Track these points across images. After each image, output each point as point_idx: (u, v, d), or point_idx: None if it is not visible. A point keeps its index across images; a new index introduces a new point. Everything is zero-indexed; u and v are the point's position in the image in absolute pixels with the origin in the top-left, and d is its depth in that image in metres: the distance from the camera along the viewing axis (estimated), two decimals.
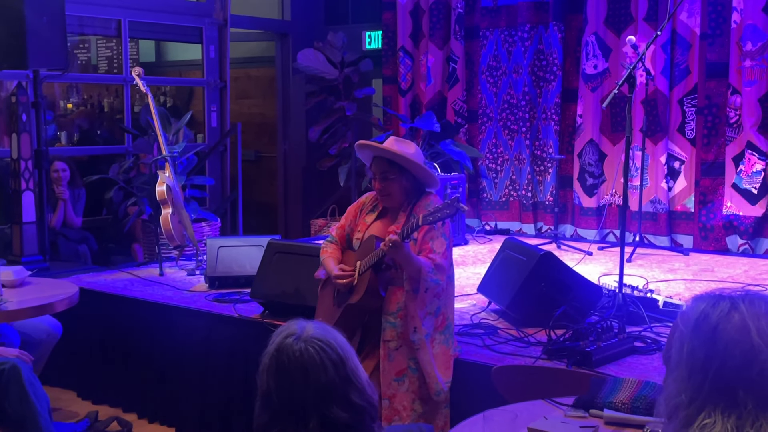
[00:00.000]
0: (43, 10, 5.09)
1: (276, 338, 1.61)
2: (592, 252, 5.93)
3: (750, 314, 1.29)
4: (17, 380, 3.42)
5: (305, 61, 7.86)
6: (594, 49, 6.68)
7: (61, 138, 9.08)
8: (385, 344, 3.19)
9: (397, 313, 3.18)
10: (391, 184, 3.24)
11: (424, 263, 3.11)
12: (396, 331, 3.18)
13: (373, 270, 3.16)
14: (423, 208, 3.18)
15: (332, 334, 1.62)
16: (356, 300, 3.19)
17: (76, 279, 5.09)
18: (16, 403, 3.40)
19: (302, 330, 1.61)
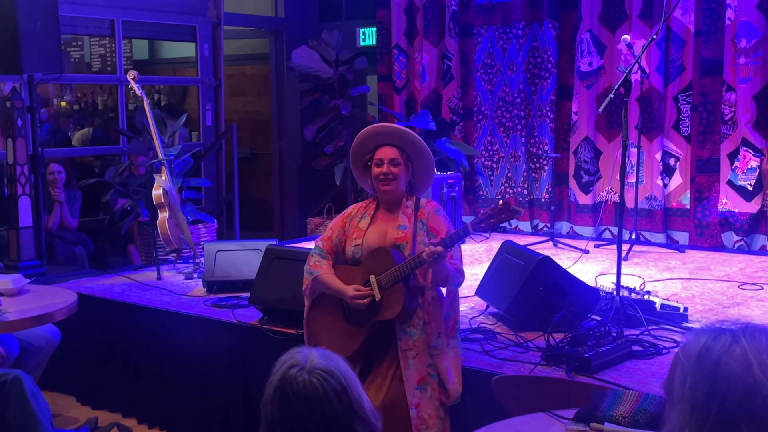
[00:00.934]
0: (37, 15, 5.07)
1: (280, 368, 1.62)
2: (588, 250, 5.95)
3: (751, 348, 1.30)
4: (19, 392, 3.41)
5: (300, 60, 7.85)
6: (589, 46, 6.68)
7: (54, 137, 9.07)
8: (404, 354, 3.15)
9: (411, 322, 3.15)
10: (401, 172, 3.17)
11: (450, 269, 3.10)
12: (412, 339, 3.15)
13: (403, 282, 3.09)
14: (432, 216, 3.18)
15: (335, 364, 1.63)
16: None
17: (74, 284, 5.09)
18: (18, 415, 3.39)
19: (306, 360, 1.61)
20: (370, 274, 3.14)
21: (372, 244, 3.20)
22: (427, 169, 3.26)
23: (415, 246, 3.14)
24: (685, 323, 3.99)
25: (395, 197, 3.23)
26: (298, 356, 1.62)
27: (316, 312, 3.33)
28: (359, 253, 3.22)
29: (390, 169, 3.15)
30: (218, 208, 7.61)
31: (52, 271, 5.57)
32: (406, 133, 3.21)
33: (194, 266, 5.39)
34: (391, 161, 3.16)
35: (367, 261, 3.19)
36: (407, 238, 3.16)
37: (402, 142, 3.20)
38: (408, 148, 3.20)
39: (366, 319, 3.17)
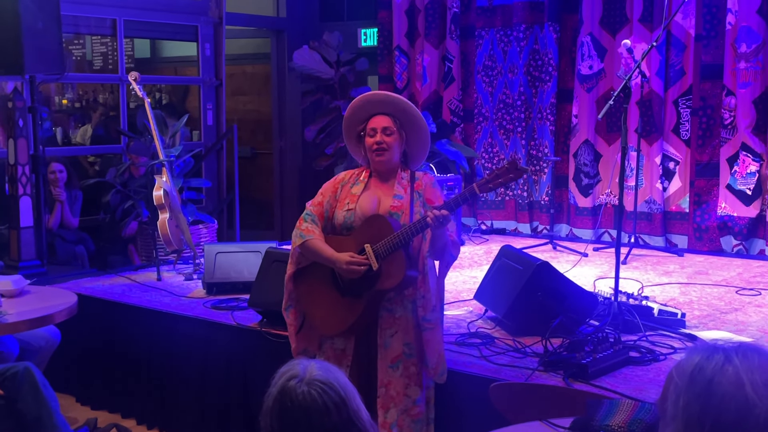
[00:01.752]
0: (39, 16, 5.08)
1: (279, 380, 1.63)
2: (587, 253, 5.97)
3: (744, 368, 1.32)
4: (31, 381, 3.46)
5: (301, 61, 7.86)
6: (589, 49, 6.70)
7: (56, 135, 9.08)
8: (382, 331, 3.05)
9: (394, 299, 3.04)
10: (393, 140, 3.04)
11: (449, 241, 2.98)
12: (394, 316, 3.05)
13: (404, 250, 2.94)
14: (429, 189, 3.07)
15: (334, 375, 1.64)
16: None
17: (74, 284, 5.11)
18: (31, 404, 3.44)
19: (305, 371, 1.63)
20: (364, 243, 2.99)
21: (365, 211, 3.05)
22: (420, 139, 3.12)
23: (412, 216, 3.01)
24: (682, 329, 4.01)
25: (389, 167, 3.09)
26: (297, 368, 1.64)
27: (305, 288, 3.17)
28: (351, 219, 3.06)
29: (383, 138, 3.03)
30: (219, 207, 7.62)
31: (52, 270, 5.59)
32: (399, 100, 3.08)
33: (194, 267, 5.41)
34: (384, 130, 3.03)
35: (361, 229, 3.04)
36: (403, 208, 3.04)
37: (395, 110, 3.06)
38: (401, 116, 3.06)
39: (363, 289, 3.02)
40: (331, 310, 3.10)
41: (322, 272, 3.11)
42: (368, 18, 8.44)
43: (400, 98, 3.09)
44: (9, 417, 3.44)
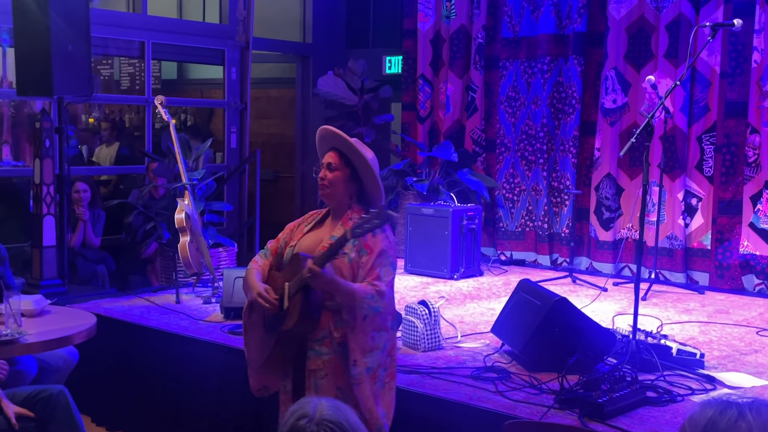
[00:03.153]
0: (70, 38, 5.16)
1: (289, 419, 1.63)
2: (607, 288, 5.94)
3: (757, 423, 1.31)
4: (65, 406, 3.46)
5: (325, 87, 7.92)
6: (613, 83, 6.70)
7: (82, 152, 9.19)
8: (310, 374, 2.97)
9: (323, 341, 2.95)
10: (335, 178, 2.99)
11: (358, 288, 2.88)
12: (322, 359, 2.95)
13: (303, 293, 2.90)
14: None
15: (344, 415, 1.64)
16: (291, 326, 2.92)
17: (94, 305, 5.15)
18: (64, 429, 3.44)
19: (315, 411, 1.63)
20: (286, 280, 2.97)
21: (304, 250, 3.01)
22: (368, 178, 3.02)
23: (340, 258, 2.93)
24: (700, 370, 3.97)
25: (337, 205, 3.06)
26: (307, 407, 1.64)
27: (250, 320, 3.14)
28: (289, 256, 3.06)
29: (325, 173, 3.01)
30: (239, 231, 7.66)
31: (73, 288, 5.63)
32: (342, 137, 3.01)
33: (213, 290, 5.44)
34: (327, 165, 3.01)
35: (287, 267, 3.03)
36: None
37: (341, 146, 3.02)
38: (347, 152, 3.00)
39: (273, 326, 3.02)
40: (257, 344, 3.12)
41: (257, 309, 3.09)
42: (393, 46, 8.51)
43: (345, 137, 3.01)
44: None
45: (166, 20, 7.98)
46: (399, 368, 3.89)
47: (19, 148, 9.31)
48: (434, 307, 4.36)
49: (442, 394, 3.60)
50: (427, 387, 3.69)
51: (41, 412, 3.44)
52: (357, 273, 2.94)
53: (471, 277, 6.43)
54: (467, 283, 6.23)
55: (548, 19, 7.04)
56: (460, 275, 6.34)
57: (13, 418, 3.35)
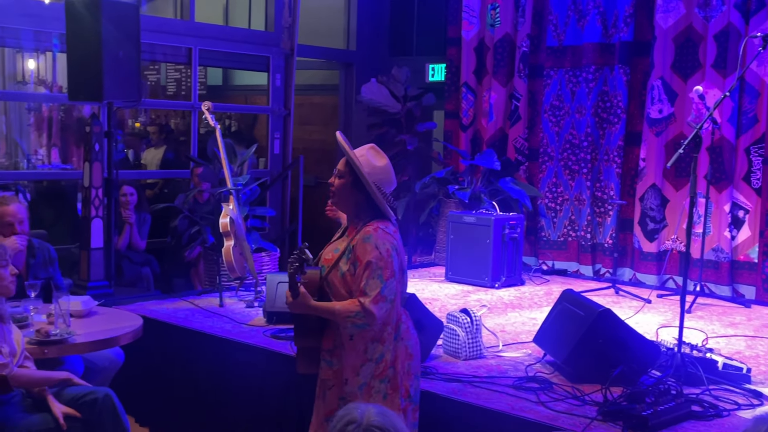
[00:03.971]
0: (120, 45, 5.26)
1: (337, 424, 1.65)
2: (651, 300, 5.87)
3: None
4: (111, 408, 3.52)
5: (368, 94, 7.95)
6: (660, 93, 6.63)
7: (128, 156, 9.34)
8: (322, 382, 3.03)
9: (333, 351, 2.98)
10: (341, 186, 2.99)
11: (339, 309, 2.87)
12: (332, 369, 2.98)
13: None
14: (359, 244, 2.91)
15: (391, 421, 1.65)
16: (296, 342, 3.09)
17: (139, 306, 5.23)
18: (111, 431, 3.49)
19: (362, 417, 1.64)
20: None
21: (322, 259, 3.07)
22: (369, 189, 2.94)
23: (333, 272, 2.95)
24: (747, 385, 3.91)
25: (345, 212, 3.07)
26: (355, 413, 1.66)
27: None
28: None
29: (333, 180, 3.01)
30: (281, 236, 7.73)
31: (119, 291, 5.73)
32: (343, 146, 2.99)
33: (256, 294, 5.49)
34: (337, 173, 3.01)
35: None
36: (331, 262, 2.98)
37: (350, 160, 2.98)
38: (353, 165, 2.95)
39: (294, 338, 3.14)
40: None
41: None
42: (437, 54, 8.52)
43: (343, 143, 2.99)
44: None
45: (213, 27, 8.08)
46: (440, 376, 3.91)
47: (67, 152, 9.51)
48: (476, 316, 4.35)
49: (484, 403, 3.60)
50: (468, 395, 3.69)
51: (87, 414, 3.50)
52: (352, 286, 2.91)
53: (512, 286, 6.41)
54: (508, 292, 6.21)
55: (594, 27, 6.99)
56: (501, 284, 6.32)
57: (61, 417, 3.42)
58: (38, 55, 9.29)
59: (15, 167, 8.80)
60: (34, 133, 9.66)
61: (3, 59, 8.96)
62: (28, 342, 3.61)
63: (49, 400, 3.46)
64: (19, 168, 8.87)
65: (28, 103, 9.45)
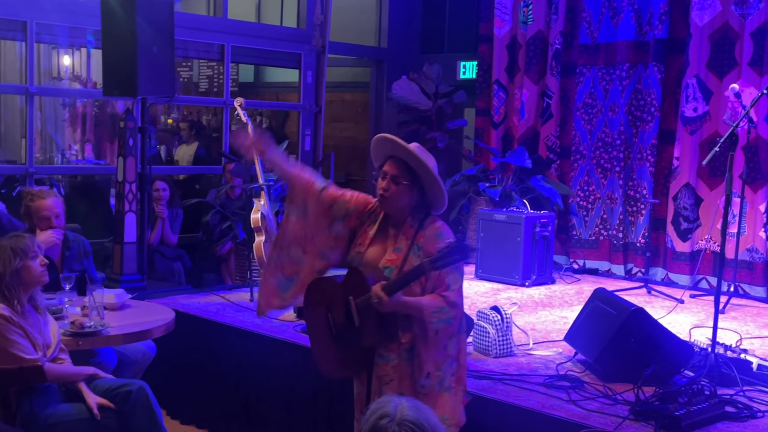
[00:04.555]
0: (155, 41, 5.31)
1: (370, 418, 1.65)
2: (684, 300, 5.81)
3: None
4: (145, 401, 3.54)
5: (399, 91, 7.95)
6: (695, 91, 6.55)
7: (160, 152, 9.43)
8: (378, 379, 2.97)
9: (390, 346, 2.94)
10: (399, 191, 2.93)
11: (426, 304, 2.86)
12: (390, 365, 2.95)
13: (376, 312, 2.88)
14: (430, 241, 2.91)
15: (425, 415, 1.65)
16: (369, 344, 2.95)
17: (171, 300, 5.27)
18: (145, 424, 3.51)
19: (395, 410, 1.64)
20: (349, 295, 2.95)
21: (368, 260, 2.98)
22: (432, 186, 2.96)
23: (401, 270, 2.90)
24: None
25: (396, 213, 2.99)
26: (388, 407, 1.65)
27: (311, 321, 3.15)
28: (356, 262, 3.01)
29: (389, 186, 2.93)
30: None
31: (150, 285, 5.78)
32: (406, 149, 2.94)
33: None
34: (393, 178, 2.93)
35: (347, 279, 3.00)
36: (397, 262, 2.92)
37: (405, 157, 2.95)
38: (412, 163, 2.94)
39: (351, 341, 2.99)
40: (324, 351, 3.11)
41: (321, 314, 3.07)
42: (468, 51, 8.49)
43: (405, 145, 2.95)
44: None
45: (246, 24, 8.12)
46: (470, 373, 3.89)
47: (100, 147, 9.63)
48: (506, 314, 4.33)
49: (514, 400, 3.58)
50: (498, 393, 3.68)
51: (121, 405, 3.53)
52: (425, 282, 2.90)
53: (543, 284, 6.37)
54: (539, 291, 6.17)
55: (628, 25, 6.92)
56: (531, 282, 6.29)
57: (95, 408, 3.45)
58: (73, 52, 9.40)
59: (50, 162, 8.92)
60: (68, 129, 9.80)
61: (38, 55, 9.09)
62: (63, 333, 3.66)
63: (84, 391, 3.50)
64: (53, 163, 8.99)
65: (62, 99, 9.58)
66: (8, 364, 3.30)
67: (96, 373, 3.63)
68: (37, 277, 3.47)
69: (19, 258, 3.39)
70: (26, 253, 3.42)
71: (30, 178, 6.51)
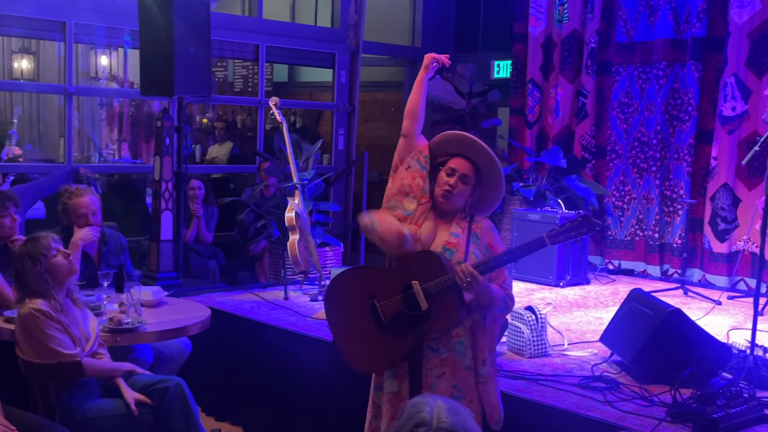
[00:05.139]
0: (191, 41, 5.35)
1: (406, 424, 1.61)
2: (721, 301, 5.73)
3: None
4: (182, 397, 3.58)
5: (433, 91, 7.93)
6: (733, 90, 6.46)
7: (195, 152, 9.52)
8: (428, 373, 2.94)
9: (440, 339, 2.93)
10: (465, 189, 2.96)
11: (496, 292, 2.92)
12: (440, 357, 2.94)
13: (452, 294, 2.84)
14: (486, 232, 3.00)
15: (461, 420, 1.61)
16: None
17: (206, 297, 5.32)
18: (182, 420, 3.55)
19: (432, 416, 1.60)
20: (411, 279, 2.88)
21: (425, 242, 2.95)
22: (494, 194, 3.04)
23: (467, 256, 2.92)
24: None
25: (449, 210, 3.00)
26: (424, 413, 1.60)
27: (344, 313, 3.05)
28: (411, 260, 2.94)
29: (457, 184, 2.94)
30: (345, 231, 7.77)
31: (186, 282, 5.83)
32: (489, 153, 2.97)
33: (320, 288, 5.53)
34: (462, 177, 2.95)
35: (409, 263, 2.92)
36: (459, 245, 2.93)
37: (481, 159, 2.97)
38: (486, 166, 2.97)
39: (409, 328, 2.91)
40: (366, 347, 3.01)
41: (361, 306, 2.99)
42: (502, 50, 8.46)
43: (489, 150, 2.98)
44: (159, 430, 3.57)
45: (280, 24, 8.17)
46: (504, 373, 3.90)
47: (136, 146, 9.74)
48: (541, 314, 4.31)
49: (549, 401, 3.56)
50: (533, 393, 3.66)
51: (158, 401, 3.57)
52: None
53: (577, 285, 6.32)
54: (573, 291, 6.13)
55: (665, 23, 6.85)
56: (566, 283, 6.25)
57: (132, 404, 3.49)
58: (110, 52, 9.52)
59: (87, 161, 9.04)
60: (105, 128, 9.92)
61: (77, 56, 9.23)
62: (101, 330, 3.71)
63: (121, 386, 3.55)
64: (90, 162, 9.11)
65: (100, 98, 9.70)
66: (47, 358, 3.36)
67: (133, 370, 3.67)
68: (66, 271, 3.49)
69: (38, 263, 3.42)
70: (45, 254, 3.43)
71: None
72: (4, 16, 6.19)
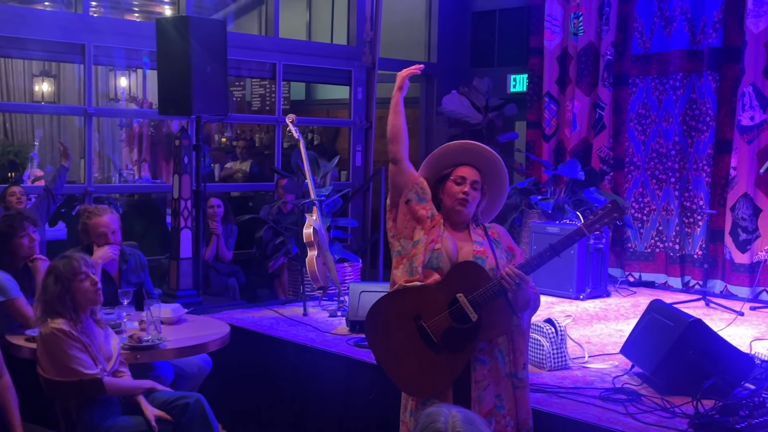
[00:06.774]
0: (208, 61, 5.40)
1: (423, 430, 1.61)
2: (743, 312, 5.67)
3: None
4: (203, 415, 3.59)
5: (450, 105, 7.96)
6: (751, 100, 6.42)
7: (214, 171, 9.58)
8: (476, 384, 2.91)
9: (484, 350, 2.92)
10: (476, 196, 3.01)
11: (532, 294, 2.96)
12: (486, 368, 2.92)
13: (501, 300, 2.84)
14: (504, 236, 3.06)
15: (476, 430, 1.61)
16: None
17: (227, 315, 5.33)
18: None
19: (447, 426, 1.60)
20: (455, 292, 2.86)
21: (450, 254, 2.93)
22: (498, 200, 3.12)
23: (497, 261, 2.93)
24: None
25: (464, 220, 3.02)
26: (439, 423, 1.60)
27: (390, 341, 2.96)
28: (438, 259, 2.92)
29: (470, 191, 2.98)
30: (363, 247, 7.78)
31: (206, 300, 5.86)
32: (500, 162, 3.06)
33: (339, 304, 5.54)
34: (473, 183, 2.99)
35: (449, 277, 2.89)
36: (487, 253, 2.95)
37: (487, 167, 3.04)
38: (496, 175, 3.06)
39: (464, 342, 2.87)
40: (423, 370, 2.92)
41: (406, 330, 2.92)
42: (518, 64, 8.47)
43: (501, 162, 3.06)
44: None
45: (297, 42, 8.23)
46: None
47: (156, 167, 9.83)
48: (561, 326, 4.28)
49: (570, 413, 3.54)
50: (554, 406, 3.63)
51: (179, 418, 3.58)
52: None
53: (597, 297, 6.29)
54: (593, 304, 6.09)
55: (681, 34, 6.84)
56: (586, 295, 6.21)
57: (153, 420, 3.51)
58: (129, 73, 9.64)
59: (107, 181, 9.13)
60: (125, 149, 10.03)
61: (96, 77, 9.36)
62: (122, 347, 3.73)
63: (142, 403, 3.56)
64: (111, 182, 9.20)
65: (119, 119, 9.81)
66: (68, 377, 3.38)
67: (154, 387, 3.69)
68: (89, 299, 3.47)
69: (62, 284, 3.43)
70: (70, 278, 3.43)
71: (89, 197, 6.68)
72: (25, 39, 6.29)
